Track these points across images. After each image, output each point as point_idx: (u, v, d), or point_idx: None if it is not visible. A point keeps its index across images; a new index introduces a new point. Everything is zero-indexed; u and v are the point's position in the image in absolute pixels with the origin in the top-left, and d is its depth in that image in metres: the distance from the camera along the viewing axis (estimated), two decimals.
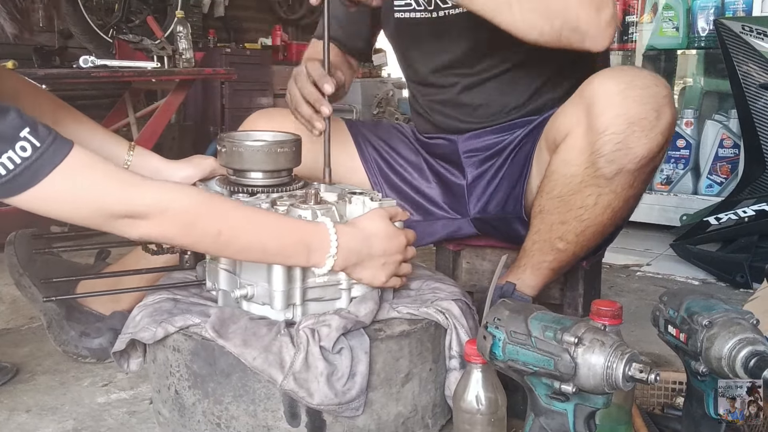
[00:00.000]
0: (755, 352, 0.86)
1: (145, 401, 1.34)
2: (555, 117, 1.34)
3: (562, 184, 1.28)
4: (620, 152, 1.20)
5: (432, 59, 1.51)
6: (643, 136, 1.19)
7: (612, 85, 1.21)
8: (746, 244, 2.16)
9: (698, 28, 2.71)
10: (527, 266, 1.36)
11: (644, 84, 1.20)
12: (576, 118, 1.25)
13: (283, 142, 1.21)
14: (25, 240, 1.47)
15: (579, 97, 1.27)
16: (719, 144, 2.67)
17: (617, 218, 1.31)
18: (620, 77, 1.22)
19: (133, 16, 3.97)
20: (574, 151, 1.25)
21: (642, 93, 1.19)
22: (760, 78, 2.16)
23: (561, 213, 1.30)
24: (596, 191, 1.26)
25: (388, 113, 5.23)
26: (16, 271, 1.43)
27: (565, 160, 1.27)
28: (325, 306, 1.14)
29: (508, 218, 1.45)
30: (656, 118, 1.19)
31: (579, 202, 1.27)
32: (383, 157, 1.59)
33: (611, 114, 1.19)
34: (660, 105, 1.20)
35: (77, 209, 0.95)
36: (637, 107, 1.19)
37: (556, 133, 1.31)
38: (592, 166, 1.23)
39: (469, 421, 1.03)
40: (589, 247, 1.35)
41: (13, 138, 0.89)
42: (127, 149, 1.33)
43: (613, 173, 1.23)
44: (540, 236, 1.34)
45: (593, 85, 1.24)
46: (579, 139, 1.24)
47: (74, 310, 1.47)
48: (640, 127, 1.19)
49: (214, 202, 1.03)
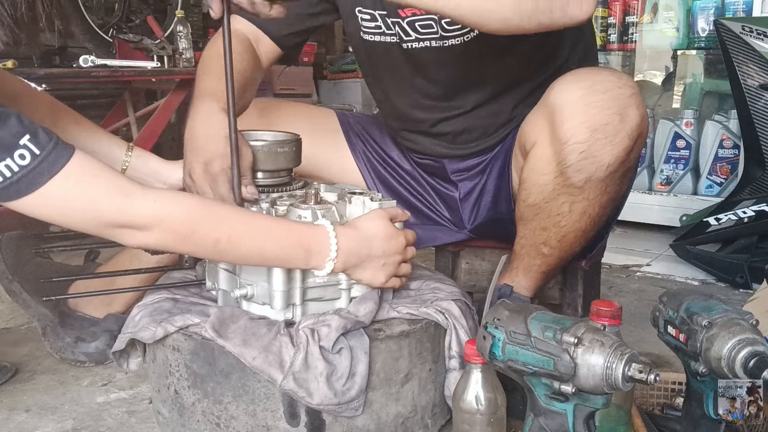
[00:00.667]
0: (755, 353, 0.86)
1: (144, 401, 1.34)
2: (524, 124, 1.32)
3: (536, 192, 1.26)
4: (586, 161, 1.18)
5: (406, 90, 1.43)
6: (607, 143, 1.16)
7: (572, 91, 1.18)
8: (746, 244, 2.16)
9: (698, 29, 2.71)
10: (519, 269, 1.35)
11: (605, 87, 1.17)
12: (540, 126, 1.23)
13: (284, 142, 1.21)
14: (13, 243, 1.44)
15: (543, 104, 1.24)
16: (719, 144, 2.67)
17: (596, 223, 1.29)
18: (580, 82, 1.19)
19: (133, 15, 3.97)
20: (542, 161, 1.23)
21: (603, 97, 1.16)
22: (760, 78, 2.16)
23: (540, 219, 1.28)
24: (569, 199, 1.24)
25: None
26: (5, 278, 1.40)
27: (534, 170, 1.25)
28: (324, 306, 1.14)
29: (503, 219, 1.44)
30: (620, 121, 1.15)
31: (555, 209, 1.26)
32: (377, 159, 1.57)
33: (573, 122, 1.16)
34: (624, 107, 1.16)
35: (73, 217, 0.96)
36: (598, 113, 1.15)
37: (525, 140, 1.30)
38: (561, 175, 1.21)
39: (469, 421, 1.03)
40: (573, 252, 1.33)
41: (12, 146, 0.89)
42: (125, 150, 1.32)
43: (583, 182, 1.20)
44: (526, 241, 1.33)
45: (554, 91, 1.21)
46: (545, 149, 1.22)
47: (67, 317, 1.46)
48: (603, 134, 1.15)
49: (212, 211, 1.03)
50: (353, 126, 1.60)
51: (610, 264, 2.31)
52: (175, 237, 0.99)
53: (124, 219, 0.96)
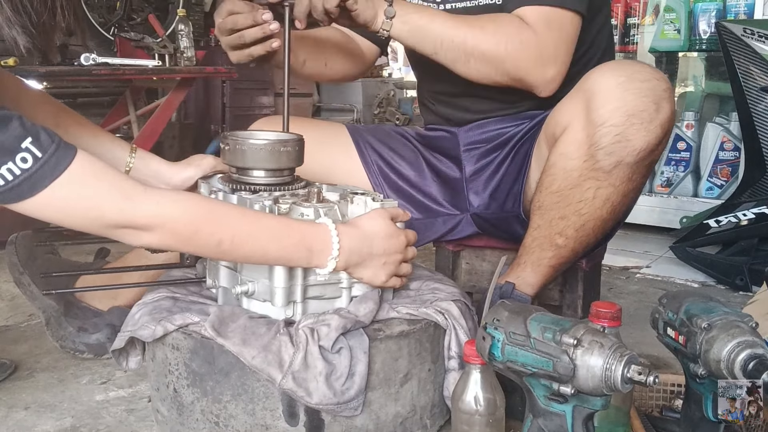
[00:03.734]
0: (754, 355, 0.87)
1: (143, 399, 1.34)
2: (554, 111, 1.35)
3: (561, 178, 1.28)
4: (619, 144, 1.21)
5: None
6: (642, 128, 1.19)
7: (611, 78, 1.22)
8: (746, 247, 2.16)
9: (699, 31, 2.71)
10: (527, 263, 1.35)
11: (644, 77, 1.21)
12: (575, 111, 1.26)
13: (286, 141, 1.21)
14: (27, 240, 1.48)
15: (578, 90, 1.27)
16: (720, 147, 2.67)
17: (616, 212, 1.31)
18: (620, 70, 1.23)
19: (135, 14, 3.97)
20: (572, 144, 1.26)
21: (641, 86, 1.20)
22: (761, 81, 2.16)
23: (560, 208, 1.30)
24: (595, 184, 1.26)
25: (388, 113, 5.23)
26: (17, 270, 1.43)
27: (563, 154, 1.27)
28: (325, 304, 1.14)
29: (508, 217, 1.45)
30: (656, 110, 1.20)
31: (578, 196, 1.27)
32: (384, 159, 1.59)
33: (610, 106, 1.20)
34: (659, 98, 1.20)
35: (75, 219, 0.96)
36: (636, 100, 1.19)
37: (554, 126, 1.32)
38: (591, 158, 1.24)
39: (468, 421, 1.03)
40: (588, 243, 1.35)
41: (14, 149, 0.88)
42: (129, 152, 1.33)
43: (612, 166, 1.23)
44: (540, 232, 1.33)
45: (592, 78, 1.25)
46: (578, 132, 1.25)
47: (72, 306, 1.47)
48: (639, 120, 1.19)
49: (215, 212, 1.03)
50: (362, 133, 1.63)
51: (609, 265, 2.31)
52: (178, 238, 0.99)
53: (126, 220, 0.96)
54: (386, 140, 1.63)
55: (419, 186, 1.58)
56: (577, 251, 1.35)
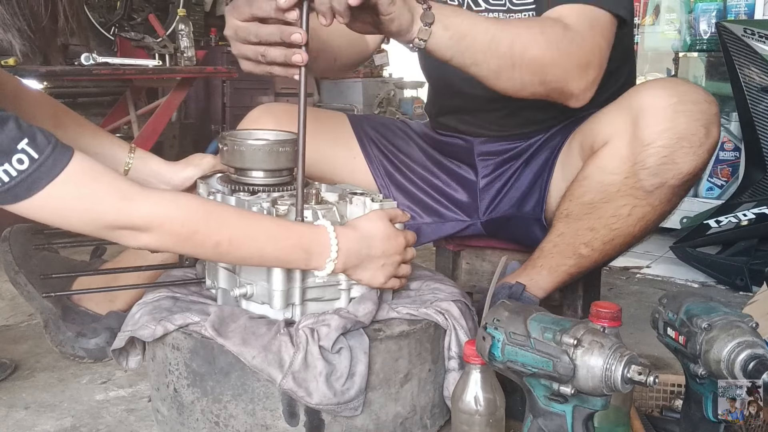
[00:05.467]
0: (754, 355, 0.87)
1: (143, 399, 1.34)
2: (593, 121, 1.31)
3: (596, 190, 1.26)
4: (665, 166, 1.19)
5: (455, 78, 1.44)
6: (691, 152, 1.17)
7: (663, 98, 1.19)
8: (746, 247, 2.16)
9: (700, 31, 2.71)
10: (544, 267, 1.33)
11: (696, 99, 1.19)
12: (620, 126, 1.23)
13: (285, 142, 1.21)
14: (21, 236, 1.46)
15: (625, 105, 1.24)
16: (720, 147, 2.66)
17: (648, 231, 1.29)
18: (672, 90, 1.20)
19: (135, 13, 3.97)
20: (614, 159, 1.23)
21: (693, 108, 1.18)
22: (762, 81, 2.15)
23: (590, 219, 1.27)
24: (632, 202, 1.24)
25: (389, 113, 5.23)
26: (12, 269, 1.42)
27: (602, 167, 1.25)
28: (324, 306, 1.14)
29: (526, 219, 1.42)
30: (705, 135, 1.18)
31: (612, 211, 1.25)
32: (389, 158, 1.56)
33: (661, 127, 1.17)
34: (710, 122, 1.19)
35: (72, 220, 0.96)
36: (687, 123, 1.17)
37: (594, 138, 1.28)
38: (633, 176, 1.21)
39: (468, 422, 1.03)
40: (612, 257, 1.33)
41: (10, 150, 0.88)
42: (128, 152, 1.32)
43: (655, 186, 1.21)
44: (563, 239, 1.31)
45: (643, 95, 1.22)
46: (622, 148, 1.22)
47: (70, 311, 1.46)
48: (689, 143, 1.17)
49: (213, 214, 1.02)
50: (365, 127, 1.59)
51: (610, 265, 2.30)
52: (176, 239, 0.99)
53: (124, 221, 0.96)
54: (392, 138, 1.59)
55: (428, 189, 1.55)
56: (598, 263, 1.34)
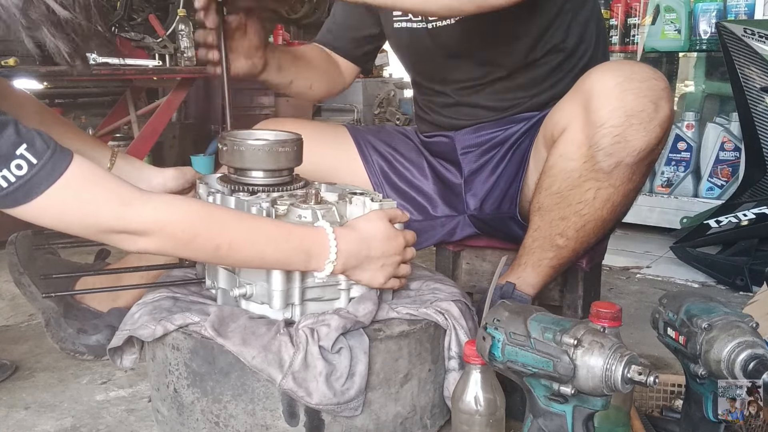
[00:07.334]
0: (754, 356, 0.87)
1: (143, 399, 1.34)
2: (552, 112, 1.35)
3: (561, 179, 1.28)
4: (619, 145, 1.21)
5: (431, 67, 1.53)
6: (641, 128, 1.20)
7: (610, 79, 1.22)
8: (746, 247, 2.16)
9: (700, 31, 2.71)
10: (528, 264, 1.36)
11: (642, 77, 1.21)
12: (574, 112, 1.26)
13: (285, 142, 1.21)
14: (27, 240, 1.48)
15: (576, 91, 1.27)
16: (720, 147, 2.67)
17: (617, 212, 1.31)
18: (618, 71, 1.23)
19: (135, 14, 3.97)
20: (572, 145, 1.26)
21: (640, 86, 1.20)
22: (762, 81, 2.15)
23: (560, 209, 1.30)
24: (595, 185, 1.26)
25: (389, 113, 5.23)
26: (16, 270, 1.44)
27: (563, 155, 1.28)
28: (323, 306, 1.14)
29: (504, 218, 1.45)
30: (654, 110, 1.20)
31: (578, 197, 1.28)
32: (385, 159, 1.60)
33: (609, 107, 1.20)
34: (658, 98, 1.21)
35: (71, 224, 0.96)
36: (635, 100, 1.19)
37: (553, 128, 1.32)
38: (591, 159, 1.24)
39: (468, 421, 1.03)
40: (589, 243, 1.35)
41: (8, 156, 0.88)
42: (109, 157, 1.35)
43: (612, 167, 1.23)
44: (540, 233, 1.34)
45: (591, 78, 1.25)
46: (577, 133, 1.25)
47: (72, 308, 1.47)
48: (638, 120, 1.19)
49: (212, 218, 1.03)
50: (363, 134, 1.64)
51: (610, 266, 2.30)
52: (176, 243, 0.99)
53: (123, 226, 0.96)
54: (388, 140, 1.64)
55: (419, 187, 1.59)
56: (578, 251, 1.36)
